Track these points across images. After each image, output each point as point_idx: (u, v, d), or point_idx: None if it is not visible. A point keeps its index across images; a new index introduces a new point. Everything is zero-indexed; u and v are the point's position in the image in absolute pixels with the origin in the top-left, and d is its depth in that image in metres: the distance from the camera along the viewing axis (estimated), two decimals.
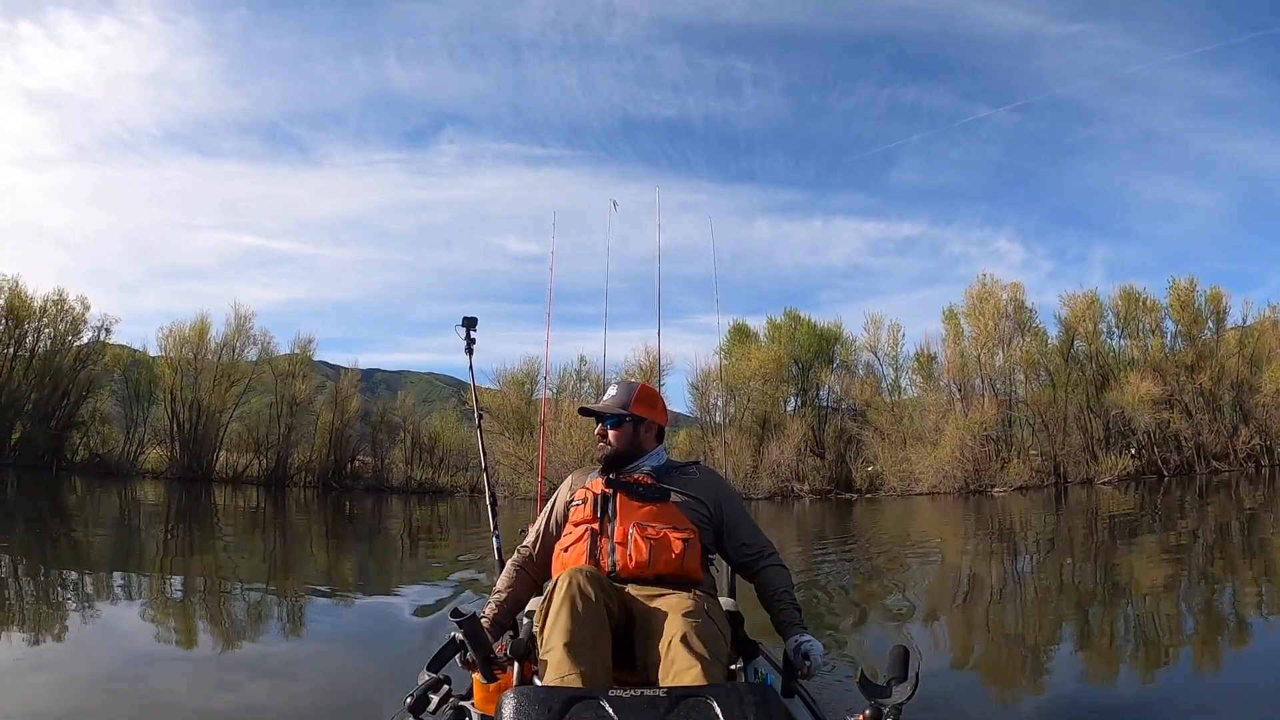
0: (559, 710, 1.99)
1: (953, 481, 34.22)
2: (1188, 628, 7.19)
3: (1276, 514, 18.28)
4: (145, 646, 6.05)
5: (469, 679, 2.66)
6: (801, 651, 2.74)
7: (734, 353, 41.69)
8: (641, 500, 2.99)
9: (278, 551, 15.16)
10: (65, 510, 20.83)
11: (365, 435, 44.14)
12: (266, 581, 10.52)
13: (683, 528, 2.93)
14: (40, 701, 4.54)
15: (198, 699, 4.66)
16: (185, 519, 21.39)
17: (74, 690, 4.84)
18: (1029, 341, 38.57)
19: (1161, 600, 8.50)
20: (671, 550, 2.83)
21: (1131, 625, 7.51)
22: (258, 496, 32.90)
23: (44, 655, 5.73)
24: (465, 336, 5.00)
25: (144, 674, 5.22)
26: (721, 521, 3.13)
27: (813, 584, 9.86)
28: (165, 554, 13.15)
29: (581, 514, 3.01)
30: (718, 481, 3.23)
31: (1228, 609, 7.91)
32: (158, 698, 4.66)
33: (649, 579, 2.78)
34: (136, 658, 5.66)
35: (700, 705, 2.02)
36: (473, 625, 2.42)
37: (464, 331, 4.99)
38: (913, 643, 6.83)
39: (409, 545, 17.08)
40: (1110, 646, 6.54)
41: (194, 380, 40.96)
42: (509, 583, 3.11)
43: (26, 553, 11.82)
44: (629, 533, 2.87)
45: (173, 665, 5.53)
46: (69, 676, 5.15)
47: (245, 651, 5.97)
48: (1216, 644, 6.47)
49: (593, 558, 2.86)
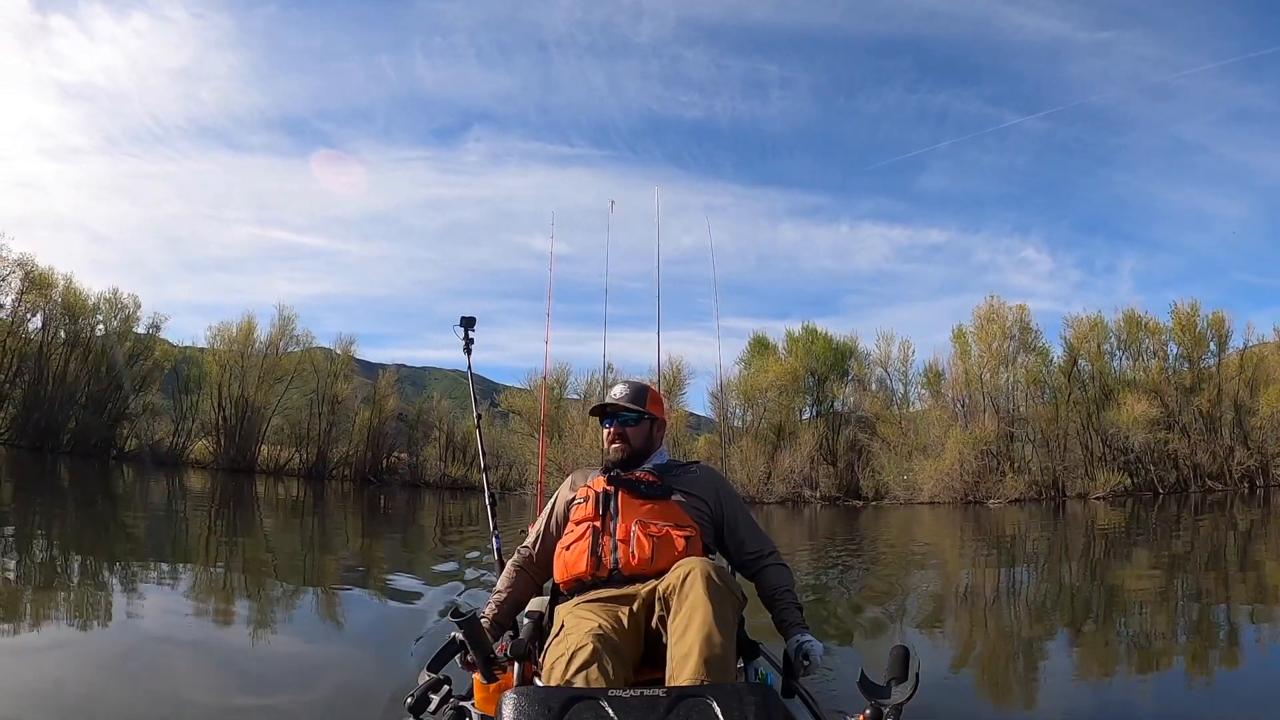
0: (559, 710, 1.90)
1: (952, 492, 34.58)
2: (1179, 633, 7.08)
3: (1268, 530, 18.26)
4: (154, 633, 5.88)
5: (469, 679, 2.55)
6: (801, 651, 2.63)
7: (753, 364, 42.43)
8: (643, 498, 2.87)
9: (313, 539, 15.21)
10: (114, 496, 21.01)
11: (402, 432, 44.41)
12: (289, 574, 10.43)
13: (684, 525, 2.81)
14: (44, 679, 4.46)
15: (202, 692, 4.45)
16: (229, 507, 21.56)
17: (65, 667, 4.76)
18: (1033, 360, 38.63)
19: (1151, 607, 8.41)
20: (674, 548, 2.71)
21: (1121, 628, 7.42)
22: (298, 488, 33.19)
23: (54, 635, 5.65)
24: (463, 336, 4.94)
25: (146, 663, 5.05)
26: (722, 520, 3.02)
27: (823, 572, 9.81)
28: (202, 541, 13.19)
29: (583, 512, 2.88)
30: (718, 480, 3.11)
31: (1218, 618, 7.78)
32: (157, 687, 4.48)
33: (650, 577, 2.63)
34: (140, 645, 5.49)
35: (700, 705, 1.92)
36: (473, 625, 2.32)
37: (462, 331, 4.93)
38: (907, 638, 6.74)
39: (437, 537, 16.97)
40: (1101, 647, 6.44)
41: (240, 376, 41.42)
42: (509, 583, 3.00)
43: (71, 535, 11.89)
44: (631, 530, 2.75)
45: (181, 654, 5.32)
46: (71, 655, 5.07)
47: (248, 647, 5.67)
48: (1207, 652, 6.34)
49: (594, 555, 2.74)
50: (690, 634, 2.28)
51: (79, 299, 41.12)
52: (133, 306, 42.57)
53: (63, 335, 40.77)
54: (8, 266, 39.28)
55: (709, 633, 2.27)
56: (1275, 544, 15.51)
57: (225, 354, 41.86)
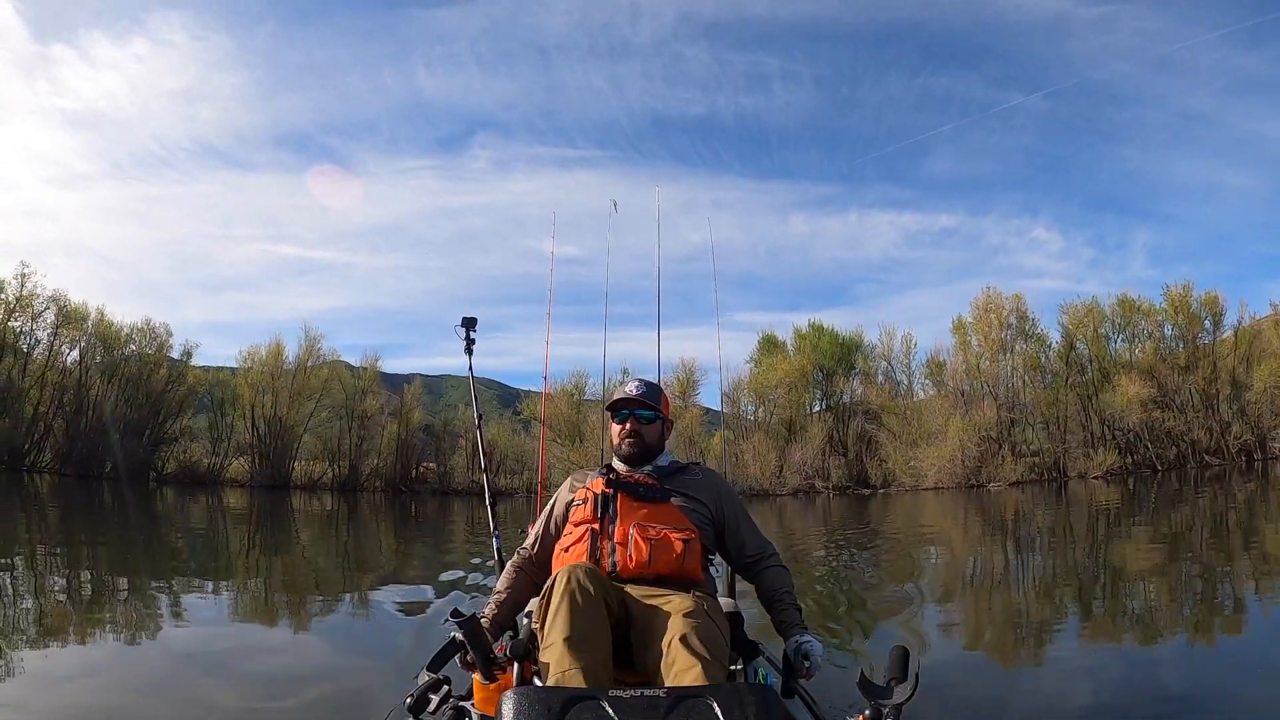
0: (559, 710, 1.84)
1: (954, 477, 34.83)
2: (1184, 605, 7.03)
3: (1269, 502, 18.22)
4: (173, 643, 5.81)
5: (469, 679, 2.49)
6: (801, 652, 2.54)
7: (763, 362, 42.85)
8: (642, 500, 2.78)
9: (349, 549, 15.18)
10: (155, 516, 21.09)
11: (429, 443, 44.51)
12: (329, 582, 10.36)
13: (683, 528, 2.72)
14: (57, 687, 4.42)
15: (222, 696, 4.38)
16: (268, 521, 21.65)
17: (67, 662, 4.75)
18: (1030, 347, 38.91)
19: (1154, 580, 8.41)
20: (672, 550, 2.63)
21: (1127, 600, 7.41)
22: (333, 501, 33.26)
23: (90, 649, 5.61)
24: (465, 337, 4.83)
25: (158, 668, 4.99)
26: (723, 522, 2.92)
27: (834, 556, 9.75)
28: (241, 555, 13.18)
29: (582, 514, 2.79)
30: (718, 482, 3.02)
31: (1222, 588, 7.75)
32: (161, 690, 4.43)
33: (649, 579, 2.57)
34: (154, 654, 5.45)
35: (700, 706, 1.86)
36: (472, 626, 2.27)
37: (463, 332, 4.82)
38: (921, 615, 6.72)
39: (468, 536, 16.90)
40: (1108, 618, 6.41)
41: (272, 396, 41.66)
42: (508, 584, 2.90)
43: (117, 554, 11.93)
44: (629, 533, 2.67)
45: (194, 661, 5.23)
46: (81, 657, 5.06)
47: (252, 649, 5.64)
48: (1211, 621, 6.31)
49: (593, 557, 2.65)
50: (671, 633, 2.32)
51: (112, 330, 41.53)
52: (164, 334, 43.01)
53: (99, 364, 41.06)
54: (43, 302, 39.77)
55: (689, 633, 2.30)
56: (1275, 515, 15.41)
57: (257, 375, 42.09)
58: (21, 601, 7.25)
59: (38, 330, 40.21)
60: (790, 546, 13.12)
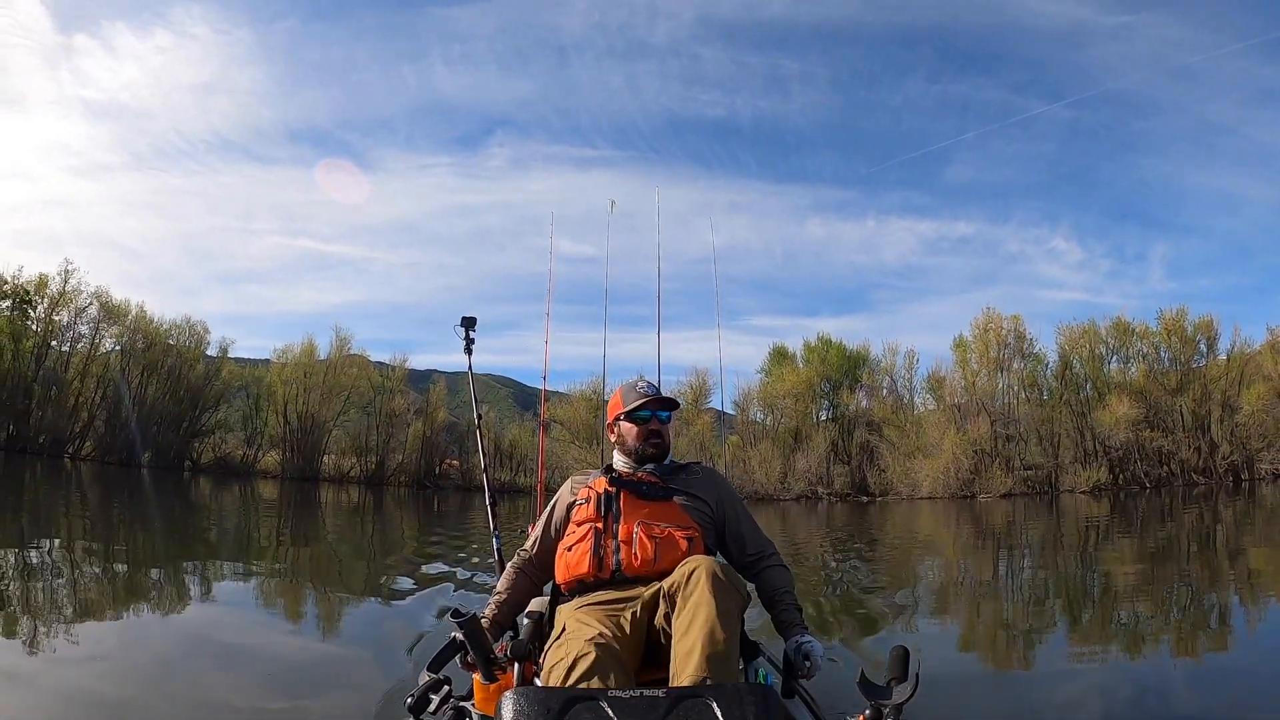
0: (559, 711, 1.75)
1: (947, 488, 34.92)
2: (1170, 616, 6.89)
3: (1254, 520, 17.93)
4: (183, 634, 5.59)
5: (469, 680, 2.41)
6: (802, 652, 2.45)
7: (772, 372, 43.33)
8: (645, 499, 2.69)
9: (374, 538, 15.20)
10: (192, 504, 21.20)
11: (453, 440, 44.64)
12: (352, 572, 10.31)
13: (687, 526, 2.63)
14: None
15: (225, 691, 4.16)
16: (298, 510, 21.79)
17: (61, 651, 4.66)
18: (1026, 366, 39.03)
19: (1139, 593, 8.21)
20: (677, 549, 2.54)
21: (1114, 611, 7.20)
22: (360, 494, 33.37)
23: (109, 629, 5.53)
24: (464, 336, 4.68)
25: (165, 663, 4.70)
26: (724, 521, 2.83)
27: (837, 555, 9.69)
28: (273, 542, 13.18)
29: (585, 513, 2.70)
30: (720, 481, 2.92)
31: (1207, 601, 7.61)
32: (166, 686, 4.18)
33: (653, 578, 2.46)
34: (164, 644, 5.23)
35: (700, 706, 1.77)
36: (473, 626, 2.19)
37: (463, 332, 4.67)
38: (917, 617, 6.60)
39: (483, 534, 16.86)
40: (1096, 627, 6.22)
41: (304, 392, 41.88)
42: (509, 584, 2.81)
43: (160, 539, 11.95)
44: (634, 531, 2.58)
45: (204, 657, 4.94)
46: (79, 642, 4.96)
47: (254, 649, 5.34)
48: (1194, 633, 6.16)
49: (597, 556, 2.57)
50: (694, 631, 2.13)
51: (152, 326, 41.79)
52: (202, 330, 43.24)
53: (138, 358, 41.35)
54: (86, 297, 40.14)
55: (712, 629, 2.12)
56: (1260, 533, 15.22)
57: (291, 371, 42.42)
58: (46, 579, 7.16)
59: (80, 325, 40.60)
60: (793, 548, 13.06)
